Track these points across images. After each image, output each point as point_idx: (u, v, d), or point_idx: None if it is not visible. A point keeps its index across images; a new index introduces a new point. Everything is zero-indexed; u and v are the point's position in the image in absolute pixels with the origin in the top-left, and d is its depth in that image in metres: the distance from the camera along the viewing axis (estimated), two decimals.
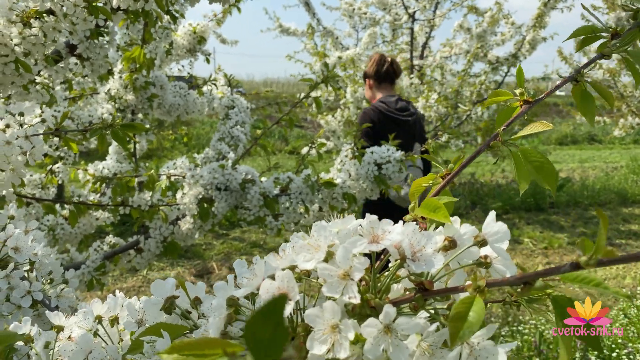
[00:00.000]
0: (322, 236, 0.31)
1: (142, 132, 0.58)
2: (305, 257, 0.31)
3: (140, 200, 1.22)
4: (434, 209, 0.34)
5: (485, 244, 0.31)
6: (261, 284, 0.31)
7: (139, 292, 3.22)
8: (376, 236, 0.30)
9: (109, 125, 0.58)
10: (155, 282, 0.40)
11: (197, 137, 9.00)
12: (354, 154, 1.25)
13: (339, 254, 0.29)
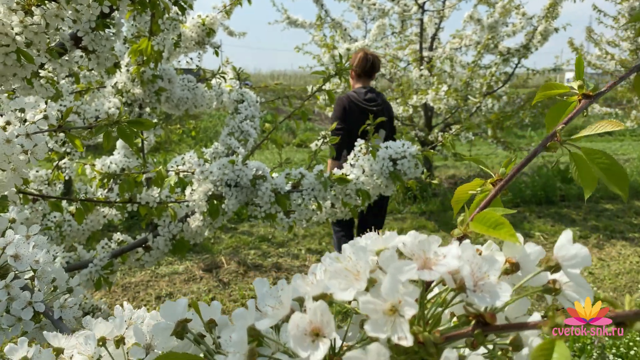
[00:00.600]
0: (362, 260, 0.27)
1: (150, 129, 0.55)
2: (341, 284, 0.27)
3: (148, 197, 1.18)
4: (494, 224, 0.30)
5: (558, 270, 0.26)
6: (289, 315, 0.26)
7: (148, 286, 3.21)
8: (427, 260, 0.25)
9: (115, 122, 0.55)
10: (165, 304, 0.36)
11: (204, 130, 8.98)
12: (367, 149, 1.21)
13: (386, 284, 0.24)
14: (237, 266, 3.50)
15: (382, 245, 0.29)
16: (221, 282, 3.27)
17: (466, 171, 6.60)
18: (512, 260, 0.27)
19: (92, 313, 1.38)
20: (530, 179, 5.54)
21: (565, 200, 5.30)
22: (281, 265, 3.56)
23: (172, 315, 0.36)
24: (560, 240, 0.28)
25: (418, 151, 1.17)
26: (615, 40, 6.89)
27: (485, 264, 0.25)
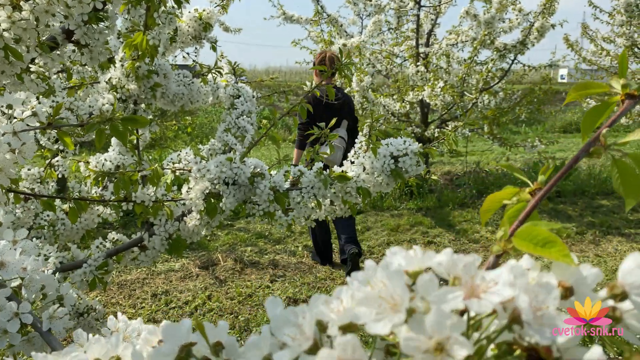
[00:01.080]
0: (399, 286, 0.23)
1: (144, 126, 0.52)
2: (372, 313, 0.23)
3: (143, 196, 1.16)
4: (542, 242, 0.27)
5: (624, 298, 0.23)
6: (312, 347, 0.23)
7: (144, 284, 3.18)
8: (475, 287, 0.23)
9: (108, 119, 0.52)
10: (166, 326, 0.32)
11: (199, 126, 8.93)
12: (368, 146, 1.18)
13: (432, 318, 0.21)
14: (233, 263, 3.47)
15: (417, 266, 0.26)
16: (217, 280, 3.25)
17: (462, 167, 6.59)
18: (566, 284, 0.23)
19: (87, 313, 1.35)
20: (526, 175, 5.52)
21: (561, 196, 5.30)
22: (278, 262, 3.53)
23: (175, 338, 0.32)
24: (627, 264, 0.25)
25: (420, 148, 1.15)
26: (611, 36, 6.88)
27: (541, 291, 0.22)
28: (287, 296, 3.01)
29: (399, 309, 0.23)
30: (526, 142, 5.39)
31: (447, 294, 0.22)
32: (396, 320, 0.22)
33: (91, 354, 0.36)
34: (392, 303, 0.23)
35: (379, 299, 0.24)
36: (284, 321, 0.28)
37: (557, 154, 7.60)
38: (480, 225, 4.38)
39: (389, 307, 0.23)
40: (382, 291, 0.24)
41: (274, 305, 0.30)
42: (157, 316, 2.78)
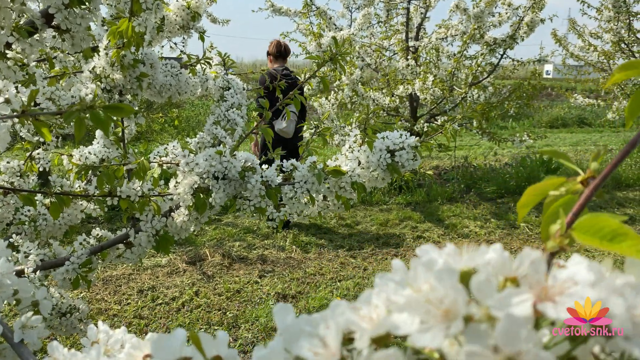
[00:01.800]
0: (452, 288, 0.19)
1: (129, 115, 0.48)
2: (417, 323, 0.19)
3: (129, 190, 1.11)
4: (611, 235, 0.23)
5: None
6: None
7: (129, 280, 3.12)
8: (545, 289, 0.19)
9: (89, 107, 0.47)
10: (159, 338, 0.28)
11: (186, 119, 8.82)
12: (363, 139, 1.14)
13: (502, 327, 0.17)
14: (221, 258, 3.42)
15: (466, 264, 0.22)
16: (205, 275, 3.20)
17: (450, 162, 6.59)
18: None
19: (70, 313, 1.30)
20: (515, 170, 5.54)
21: None
22: (267, 258, 3.49)
23: (167, 352, 0.28)
24: None
25: (417, 142, 1.11)
26: (598, 32, 6.92)
27: (631, 294, 0.18)
28: (276, 292, 2.97)
29: (452, 316, 0.19)
30: (514, 137, 5.40)
31: (512, 297, 0.18)
32: (452, 330, 0.19)
33: None
34: (442, 309, 0.19)
35: (425, 305, 0.20)
36: (299, 332, 0.24)
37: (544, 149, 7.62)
38: (469, 220, 4.38)
39: (438, 314, 0.19)
40: (431, 295, 0.20)
41: (284, 313, 0.26)
42: (144, 312, 2.72)
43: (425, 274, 0.21)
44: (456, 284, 0.19)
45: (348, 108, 4.99)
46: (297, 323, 0.24)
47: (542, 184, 0.35)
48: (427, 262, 0.21)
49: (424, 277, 0.21)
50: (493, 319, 0.19)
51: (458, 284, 0.19)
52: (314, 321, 0.24)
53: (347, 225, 4.19)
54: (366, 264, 3.43)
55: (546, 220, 0.34)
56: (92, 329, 0.46)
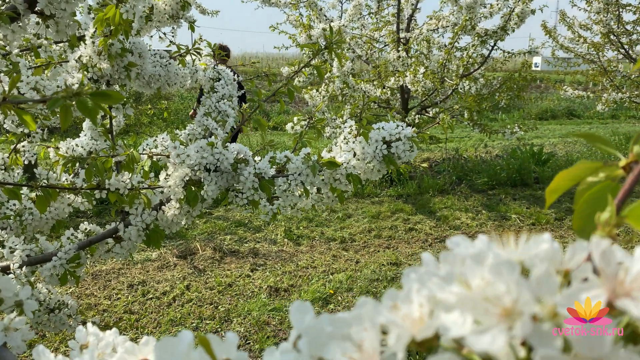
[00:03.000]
0: (514, 283, 0.17)
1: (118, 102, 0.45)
2: (469, 324, 0.17)
3: (118, 183, 1.07)
4: None
5: None
6: None
7: (119, 274, 3.08)
8: (620, 282, 0.17)
9: (75, 94, 0.44)
10: (163, 342, 0.25)
11: (175, 112, 8.75)
12: (359, 130, 1.12)
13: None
14: (212, 252, 3.39)
15: (520, 255, 0.20)
16: (196, 269, 3.17)
17: (441, 154, 6.59)
18: None
19: (59, 309, 1.27)
20: (505, 162, 5.55)
21: (539, 182, 5.34)
22: (258, 251, 3.47)
23: (174, 356, 0.25)
24: None
25: (413, 133, 1.09)
26: (588, 23, 6.93)
27: None
28: (268, 285, 2.95)
29: (512, 315, 0.17)
30: (505, 129, 5.40)
31: (581, 292, 0.17)
32: (517, 331, 0.17)
33: None
34: (501, 307, 0.17)
35: (482, 303, 0.18)
36: (323, 334, 0.21)
37: (534, 141, 7.65)
38: (460, 212, 4.38)
39: (496, 313, 0.17)
40: (490, 292, 0.18)
41: (301, 312, 0.23)
42: (134, 307, 2.69)
43: (475, 268, 0.19)
44: (519, 279, 0.17)
45: (339, 100, 4.96)
46: (319, 324, 0.22)
47: (575, 168, 0.33)
48: (476, 254, 0.19)
49: (479, 271, 0.19)
50: (559, 318, 0.17)
51: (522, 278, 0.17)
52: (339, 321, 0.21)
53: (338, 218, 4.17)
54: (358, 256, 3.42)
55: (582, 207, 0.32)
56: (80, 331, 0.43)
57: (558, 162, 5.88)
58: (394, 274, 3.15)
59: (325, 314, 0.23)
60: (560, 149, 7.24)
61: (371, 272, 3.15)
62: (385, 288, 2.95)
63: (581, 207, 0.34)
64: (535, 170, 5.48)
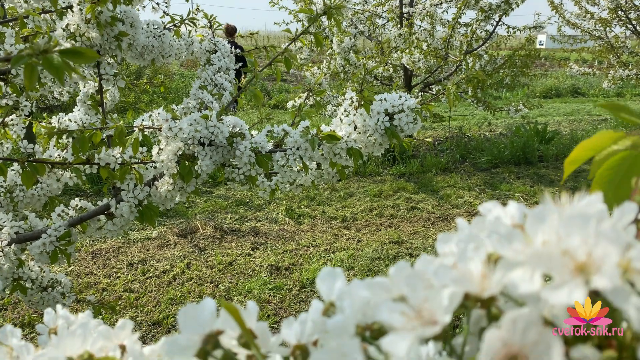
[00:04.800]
0: (589, 233, 0.18)
1: (90, 60, 0.41)
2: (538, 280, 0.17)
3: (108, 158, 1.03)
4: None
5: None
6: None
7: (119, 253, 3.06)
8: None
9: (42, 51, 0.39)
10: (187, 309, 0.24)
11: (175, 90, 8.65)
12: (360, 102, 1.07)
13: None
14: (213, 231, 3.37)
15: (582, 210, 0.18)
16: (197, 248, 3.14)
17: (444, 132, 6.52)
18: None
19: (52, 287, 1.24)
20: (509, 140, 5.49)
21: (543, 160, 5.28)
22: (259, 230, 3.44)
23: (197, 324, 0.24)
24: None
25: (417, 105, 1.04)
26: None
27: None
28: (269, 264, 2.93)
29: (590, 269, 0.17)
30: (510, 107, 5.32)
31: None
32: (598, 283, 0.17)
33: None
34: (576, 261, 0.17)
35: (554, 258, 0.17)
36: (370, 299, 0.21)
37: (538, 119, 7.56)
38: (463, 190, 4.34)
39: (569, 268, 0.18)
40: (560, 246, 0.17)
41: (332, 278, 0.23)
42: (134, 286, 2.67)
43: (538, 226, 0.19)
44: (598, 230, 0.16)
45: (340, 78, 4.87)
46: (353, 289, 0.22)
47: (596, 138, 0.33)
48: (538, 212, 0.19)
49: (535, 228, 0.19)
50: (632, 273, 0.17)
51: (600, 230, 0.17)
52: (378, 285, 0.21)
53: (340, 196, 4.14)
54: (360, 235, 3.39)
55: (603, 174, 0.32)
56: (49, 314, 0.39)
57: (562, 140, 5.81)
58: (395, 253, 3.12)
59: (356, 280, 0.22)
60: (565, 127, 7.16)
61: (373, 251, 3.12)
62: (386, 267, 2.92)
63: (603, 174, 0.34)
64: (539, 149, 5.42)
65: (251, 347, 0.24)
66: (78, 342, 0.33)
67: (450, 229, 3.54)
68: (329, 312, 0.23)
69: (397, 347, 0.18)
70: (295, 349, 0.23)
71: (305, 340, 0.23)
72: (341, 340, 0.19)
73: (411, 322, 0.19)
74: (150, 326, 2.33)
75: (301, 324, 0.24)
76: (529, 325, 0.17)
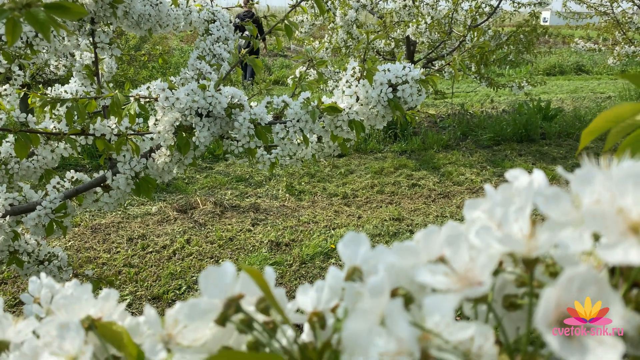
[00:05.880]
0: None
1: (77, 17, 0.38)
2: (588, 238, 0.18)
3: (103, 128, 1.00)
4: None
5: None
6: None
7: (119, 228, 3.06)
8: None
9: (25, 5, 0.37)
10: (207, 272, 0.24)
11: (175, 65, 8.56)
12: (362, 72, 1.04)
13: None
14: (213, 207, 3.35)
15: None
16: (197, 223, 3.13)
17: (446, 109, 6.46)
18: None
19: (48, 261, 1.23)
20: (512, 117, 5.43)
21: (546, 138, 5.24)
22: (259, 206, 3.43)
23: (219, 288, 0.24)
24: None
25: (421, 75, 1.01)
26: None
27: None
28: (270, 240, 2.92)
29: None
30: (513, 83, 5.26)
31: None
32: None
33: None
34: (630, 221, 0.17)
35: (605, 218, 0.17)
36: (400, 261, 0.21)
37: (541, 96, 7.49)
38: (465, 168, 4.32)
39: (621, 227, 0.17)
40: (612, 206, 0.17)
41: (355, 243, 0.23)
42: (133, 261, 2.67)
43: (586, 187, 0.19)
44: None
45: (342, 53, 4.80)
46: (386, 253, 0.21)
47: (617, 109, 0.32)
48: (586, 175, 0.19)
49: (584, 189, 0.19)
50: None
51: None
52: (407, 249, 0.21)
53: (341, 173, 4.12)
54: (360, 211, 3.38)
55: (629, 144, 0.32)
56: (34, 282, 0.37)
57: (565, 117, 5.76)
58: (396, 229, 3.11)
59: (381, 245, 0.22)
60: (568, 104, 7.09)
61: (373, 228, 3.11)
62: (387, 243, 2.92)
63: (629, 144, 0.33)
64: (542, 126, 5.37)
65: (273, 311, 0.23)
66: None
67: (451, 206, 3.53)
68: (354, 276, 0.22)
69: (441, 307, 0.18)
70: (312, 315, 0.23)
71: (322, 307, 0.22)
72: (379, 301, 0.18)
73: (455, 283, 0.19)
74: (150, 300, 2.33)
75: (318, 291, 0.23)
76: (586, 283, 0.17)
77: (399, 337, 0.17)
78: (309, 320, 0.23)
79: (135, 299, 2.34)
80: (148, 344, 0.25)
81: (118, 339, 0.28)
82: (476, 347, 0.17)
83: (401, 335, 0.17)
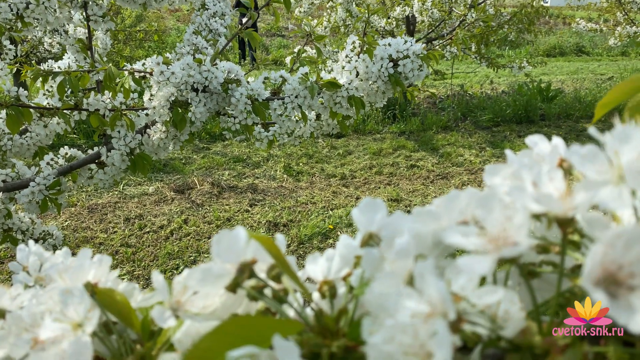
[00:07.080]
0: None
1: None
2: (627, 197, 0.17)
3: (97, 103, 0.98)
4: None
5: None
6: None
7: (116, 207, 3.04)
8: None
9: None
10: (219, 236, 0.23)
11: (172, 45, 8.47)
12: (362, 47, 1.01)
13: None
14: (210, 187, 3.34)
15: None
16: (194, 204, 3.12)
17: (445, 90, 6.41)
18: None
19: (43, 240, 1.21)
20: (512, 98, 5.40)
21: (545, 119, 5.22)
22: (257, 187, 3.41)
23: (232, 252, 0.23)
24: None
25: (423, 50, 0.98)
26: None
27: None
28: (267, 220, 2.91)
29: None
30: (513, 64, 5.21)
31: None
32: None
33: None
34: None
35: None
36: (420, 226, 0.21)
37: (542, 77, 7.43)
38: (464, 149, 4.30)
39: None
40: None
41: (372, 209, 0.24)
42: (131, 241, 2.66)
43: (624, 146, 0.18)
44: None
45: (341, 32, 4.73)
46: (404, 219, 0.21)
47: (631, 80, 0.32)
48: (623, 133, 0.19)
49: (622, 148, 0.19)
50: None
51: None
52: (427, 214, 0.21)
53: (339, 154, 4.09)
54: (359, 192, 3.37)
55: None
56: (22, 250, 0.36)
57: (565, 99, 5.72)
58: (394, 211, 3.10)
59: (399, 211, 0.21)
60: (568, 86, 7.05)
61: None
62: None
63: None
64: (541, 107, 5.34)
65: (286, 278, 0.23)
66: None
67: (450, 187, 3.52)
68: (370, 242, 0.22)
69: (476, 268, 0.18)
70: (322, 284, 0.22)
71: (333, 276, 0.22)
72: (405, 264, 0.18)
73: (488, 243, 0.19)
74: (147, 280, 2.33)
75: (328, 260, 0.23)
76: (633, 241, 0.16)
77: (431, 298, 0.16)
78: (319, 289, 0.23)
79: (133, 279, 2.33)
80: (156, 311, 0.24)
81: (119, 307, 0.27)
82: (502, 311, 0.17)
83: (435, 296, 0.16)
